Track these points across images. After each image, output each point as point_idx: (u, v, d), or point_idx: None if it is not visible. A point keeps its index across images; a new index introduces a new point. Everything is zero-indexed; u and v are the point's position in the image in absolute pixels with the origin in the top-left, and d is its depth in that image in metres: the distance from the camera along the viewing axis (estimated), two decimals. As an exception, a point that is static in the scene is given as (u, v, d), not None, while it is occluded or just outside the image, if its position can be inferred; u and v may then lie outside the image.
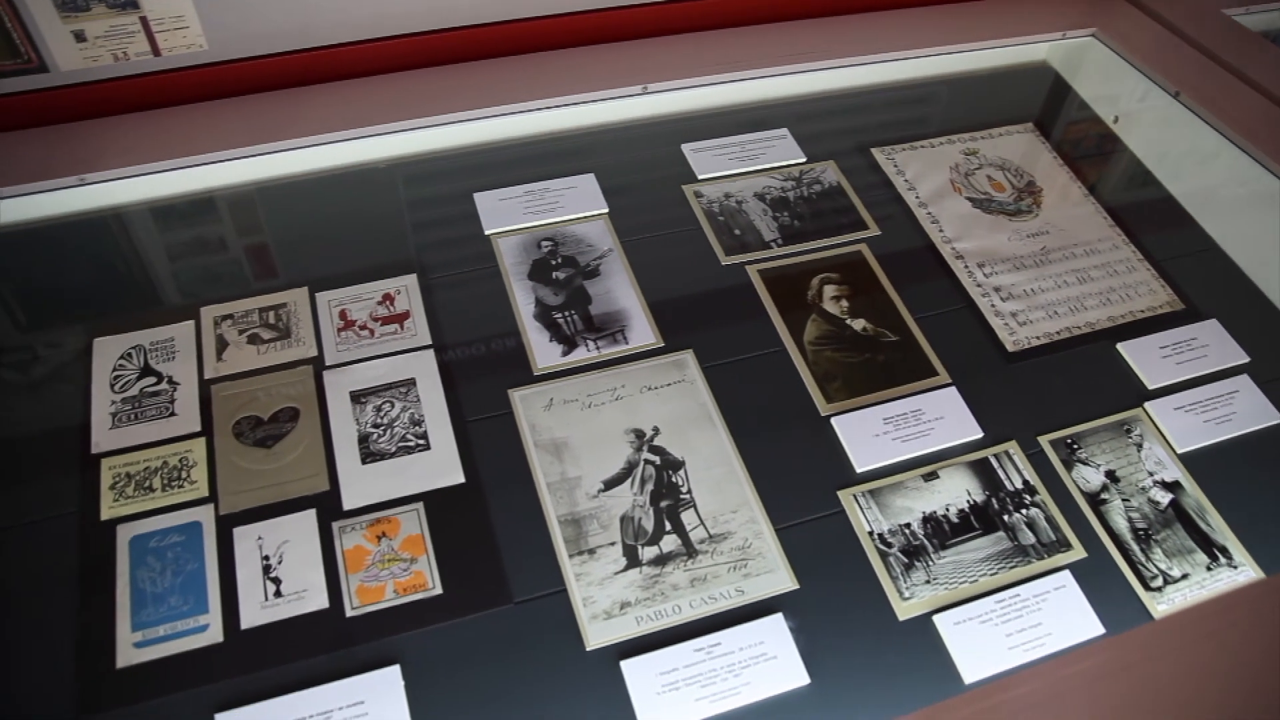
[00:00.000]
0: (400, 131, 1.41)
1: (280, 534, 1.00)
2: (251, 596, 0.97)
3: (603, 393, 1.13)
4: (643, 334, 1.19)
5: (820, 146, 1.47)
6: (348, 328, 1.18)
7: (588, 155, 1.43)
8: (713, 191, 1.38)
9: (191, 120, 1.40)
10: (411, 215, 1.35)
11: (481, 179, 1.37)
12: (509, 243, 1.29)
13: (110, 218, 1.34)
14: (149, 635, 0.94)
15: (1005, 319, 1.27)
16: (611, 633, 0.96)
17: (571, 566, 1.00)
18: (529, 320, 1.20)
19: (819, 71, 1.58)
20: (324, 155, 1.40)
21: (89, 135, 1.36)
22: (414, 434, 1.09)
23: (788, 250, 1.32)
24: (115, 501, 1.03)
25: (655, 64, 1.52)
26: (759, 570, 1.01)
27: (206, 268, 1.30)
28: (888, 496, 1.08)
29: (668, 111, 1.51)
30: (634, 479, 1.06)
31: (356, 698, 0.90)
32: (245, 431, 1.08)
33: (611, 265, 1.27)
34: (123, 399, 1.11)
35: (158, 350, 1.16)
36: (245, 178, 1.38)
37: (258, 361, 1.15)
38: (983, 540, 1.05)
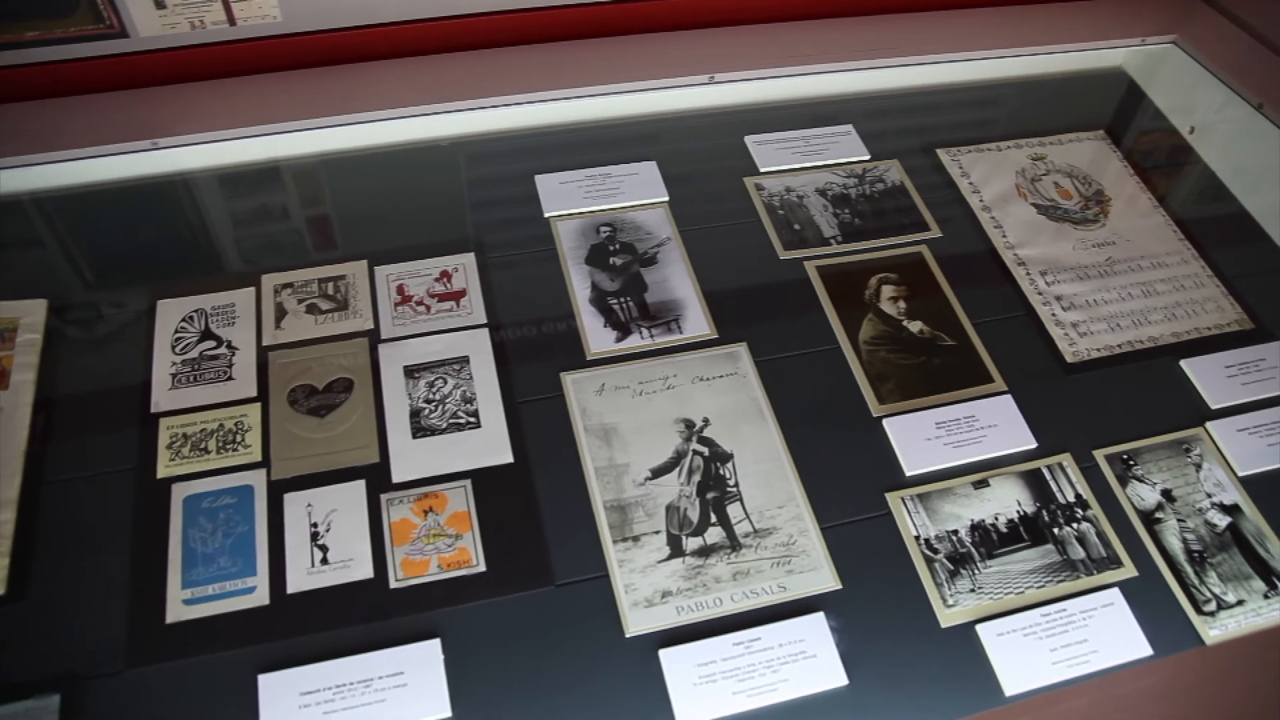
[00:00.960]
0: (465, 110, 1.42)
1: (329, 502, 1.02)
2: (299, 562, 0.98)
3: (654, 381, 1.13)
4: (697, 324, 1.19)
5: (885, 145, 1.45)
6: (405, 302, 1.19)
7: (650, 142, 1.43)
8: (774, 185, 1.37)
9: (262, 90, 1.41)
10: (472, 194, 1.36)
11: (543, 161, 1.38)
12: (568, 226, 1.30)
13: (179, 182, 1.36)
14: (198, 593, 0.96)
15: (1065, 329, 1.24)
16: (651, 621, 0.96)
17: (615, 552, 1.00)
18: (584, 305, 1.20)
19: (887, 69, 1.56)
20: (389, 130, 1.41)
21: (163, 101, 1.38)
22: (465, 411, 1.09)
23: (847, 248, 1.30)
24: (171, 461, 1.05)
25: (722, 54, 1.51)
26: (802, 568, 1.00)
27: (268, 236, 1.32)
28: (936, 502, 1.07)
29: (733, 102, 1.50)
30: (681, 469, 1.06)
31: (396, 668, 0.91)
32: (300, 399, 1.10)
33: (669, 254, 1.27)
34: (183, 361, 1.13)
35: (218, 315, 1.18)
36: (311, 149, 1.40)
37: (315, 331, 1.16)
38: (1031, 552, 1.03)
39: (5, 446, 1.05)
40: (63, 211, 1.32)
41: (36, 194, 1.33)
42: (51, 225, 1.31)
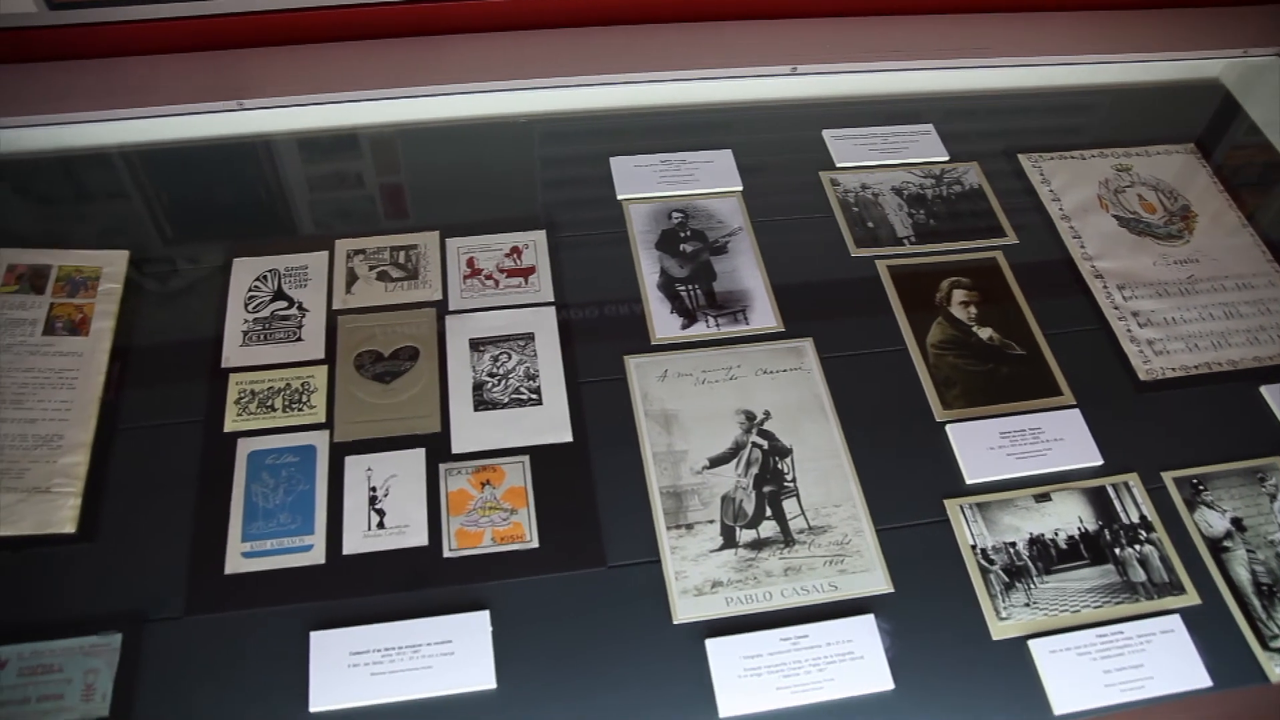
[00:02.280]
0: (543, 88, 1.42)
1: (389, 468, 1.03)
2: (356, 524, 1.00)
3: (718, 370, 1.13)
4: (764, 316, 1.18)
5: (965, 146, 1.43)
6: (474, 275, 1.20)
7: (727, 131, 1.42)
8: (849, 181, 1.35)
9: (345, 57, 1.43)
10: (546, 172, 1.36)
11: (619, 143, 1.37)
12: (640, 210, 1.29)
13: (260, 144, 1.38)
14: (257, 547, 0.98)
15: (1140, 346, 1.21)
16: (700, 610, 0.96)
17: (668, 539, 1.00)
18: (652, 289, 1.20)
19: (972, 69, 1.53)
20: (467, 104, 1.41)
21: (251, 63, 1.40)
22: (527, 388, 1.10)
23: (920, 249, 1.28)
24: (239, 416, 1.07)
25: (806, 45, 1.49)
26: (855, 568, 0.99)
27: (343, 202, 1.34)
28: (995, 512, 1.05)
29: (813, 95, 1.48)
30: (740, 460, 1.06)
31: (445, 636, 0.92)
32: (366, 365, 1.11)
33: (740, 244, 1.26)
34: (254, 319, 1.15)
35: (291, 276, 1.20)
36: (389, 118, 1.41)
37: (384, 298, 1.18)
38: (1090, 571, 1.01)
39: (82, 391, 1.08)
40: (148, 166, 1.35)
41: (124, 148, 1.36)
42: (137, 179, 1.34)
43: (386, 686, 0.90)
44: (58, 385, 1.08)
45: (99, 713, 0.88)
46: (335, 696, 0.89)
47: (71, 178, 1.34)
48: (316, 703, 0.89)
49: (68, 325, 1.13)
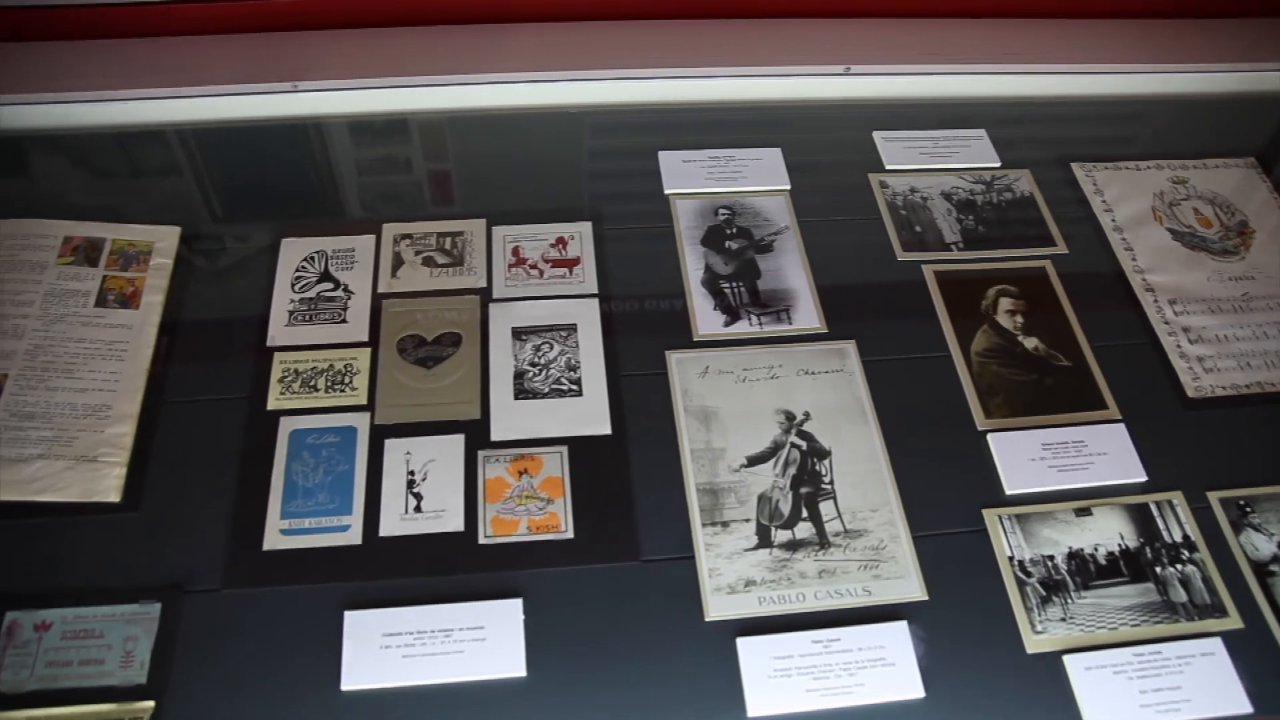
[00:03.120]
0: (594, 80, 1.42)
1: (428, 452, 1.04)
2: (393, 507, 1.00)
3: (759, 369, 1.12)
4: (808, 317, 1.17)
5: (1017, 153, 1.41)
6: (519, 264, 1.20)
7: (778, 129, 1.41)
8: (899, 184, 1.34)
9: (399, 43, 1.44)
10: (594, 164, 1.36)
11: (667, 138, 1.37)
12: (687, 205, 1.29)
13: (311, 126, 1.39)
14: (295, 525, 0.99)
15: (1190, 362, 1.19)
16: (732, 608, 0.95)
17: (703, 536, 1.00)
18: (696, 285, 1.20)
19: (1028, 75, 1.51)
20: (518, 93, 1.42)
21: (307, 46, 1.42)
22: (568, 378, 1.10)
23: (968, 255, 1.27)
24: (282, 395, 1.08)
25: (859, 45, 1.48)
26: (890, 574, 0.99)
27: (390, 186, 1.35)
28: (1034, 524, 1.03)
29: (865, 96, 1.47)
30: (778, 460, 1.05)
31: (477, 622, 0.93)
32: (408, 349, 1.12)
33: (786, 243, 1.25)
34: (300, 299, 1.17)
35: (338, 258, 1.21)
36: (440, 105, 1.42)
37: (429, 284, 1.18)
38: (1129, 588, 1.00)
39: (131, 363, 1.09)
40: (202, 145, 1.37)
41: (180, 126, 1.38)
42: (190, 157, 1.36)
43: (418, 669, 0.90)
44: (107, 356, 1.10)
45: (137, 680, 0.89)
46: (367, 676, 0.90)
47: (128, 154, 1.36)
48: (348, 681, 0.90)
49: (119, 298, 1.15)
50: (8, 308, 1.11)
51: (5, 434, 1.01)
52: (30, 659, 0.90)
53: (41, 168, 1.33)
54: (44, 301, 1.13)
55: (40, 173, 1.33)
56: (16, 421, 1.03)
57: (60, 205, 1.24)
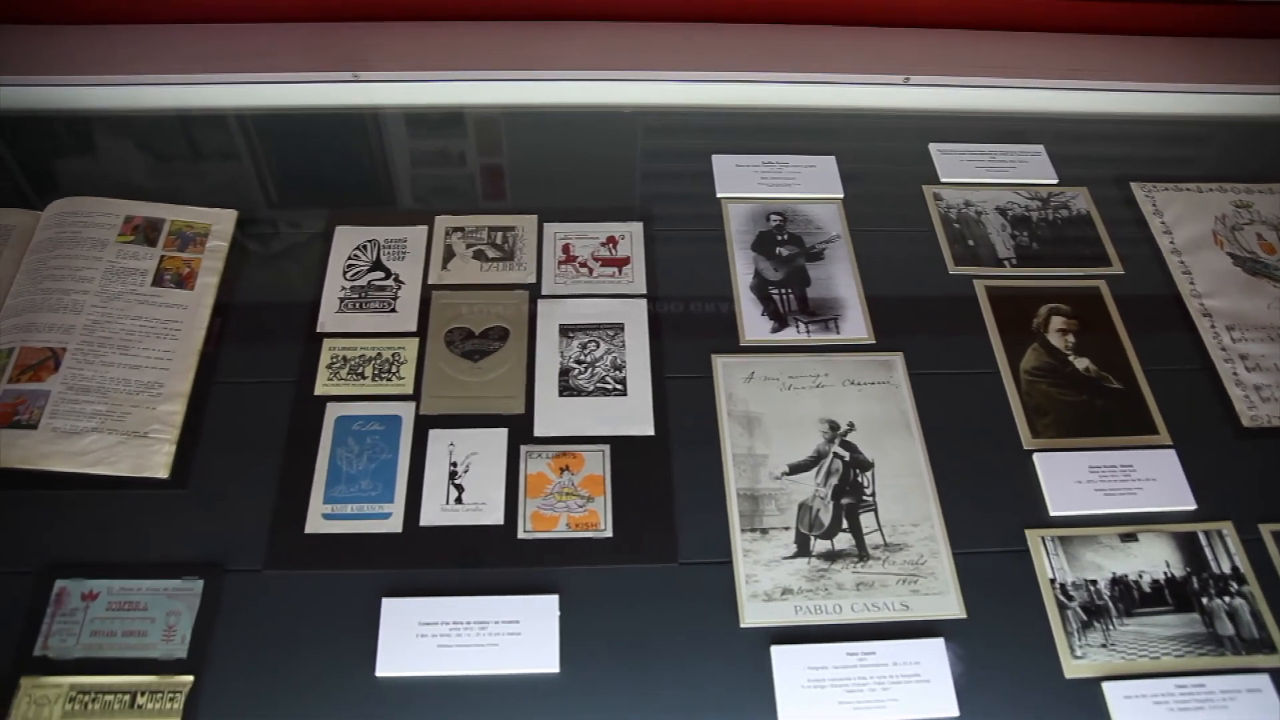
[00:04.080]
0: (650, 81, 1.42)
1: (471, 445, 1.04)
2: (434, 497, 1.01)
3: (805, 377, 1.12)
4: (856, 327, 1.17)
5: (1075, 171, 1.39)
6: (568, 262, 1.21)
7: (833, 137, 1.40)
8: (953, 197, 1.33)
9: (458, 37, 1.45)
10: (647, 164, 1.36)
11: (722, 141, 1.37)
12: (738, 209, 1.29)
13: (369, 116, 1.41)
14: (337, 510, 1.00)
15: (1247, 391, 1.16)
16: (768, 615, 0.95)
17: (741, 541, 0.99)
18: (745, 290, 1.20)
19: (1089, 91, 1.49)
20: (573, 90, 1.43)
21: (369, 36, 1.44)
22: (613, 378, 1.10)
23: (1020, 271, 1.25)
24: (329, 380, 1.09)
25: (918, 56, 1.47)
26: (929, 590, 0.98)
27: (443, 179, 1.36)
28: (1078, 548, 1.02)
29: (922, 107, 1.46)
30: (820, 469, 1.05)
31: (513, 616, 0.93)
32: (456, 341, 1.13)
33: (836, 251, 1.24)
34: (352, 287, 1.18)
35: (390, 248, 1.22)
36: (496, 99, 1.43)
37: (479, 277, 1.19)
38: (1173, 618, 0.98)
39: (184, 343, 1.11)
40: (261, 130, 1.39)
41: (241, 110, 1.40)
42: (249, 142, 1.38)
43: (452, 659, 0.91)
44: (162, 335, 1.12)
45: (178, 654, 0.91)
46: (402, 664, 0.91)
47: (189, 137, 1.38)
48: (383, 668, 0.90)
49: (175, 278, 1.17)
50: (68, 283, 1.14)
51: (61, 406, 1.04)
52: (77, 627, 0.91)
53: (107, 148, 1.36)
54: (103, 278, 1.15)
55: (105, 153, 1.36)
56: (73, 395, 1.05)
57: (123, 185, 1.27)
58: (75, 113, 1.39)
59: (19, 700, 0.87)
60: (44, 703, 0.87)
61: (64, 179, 1.31)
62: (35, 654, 0.90)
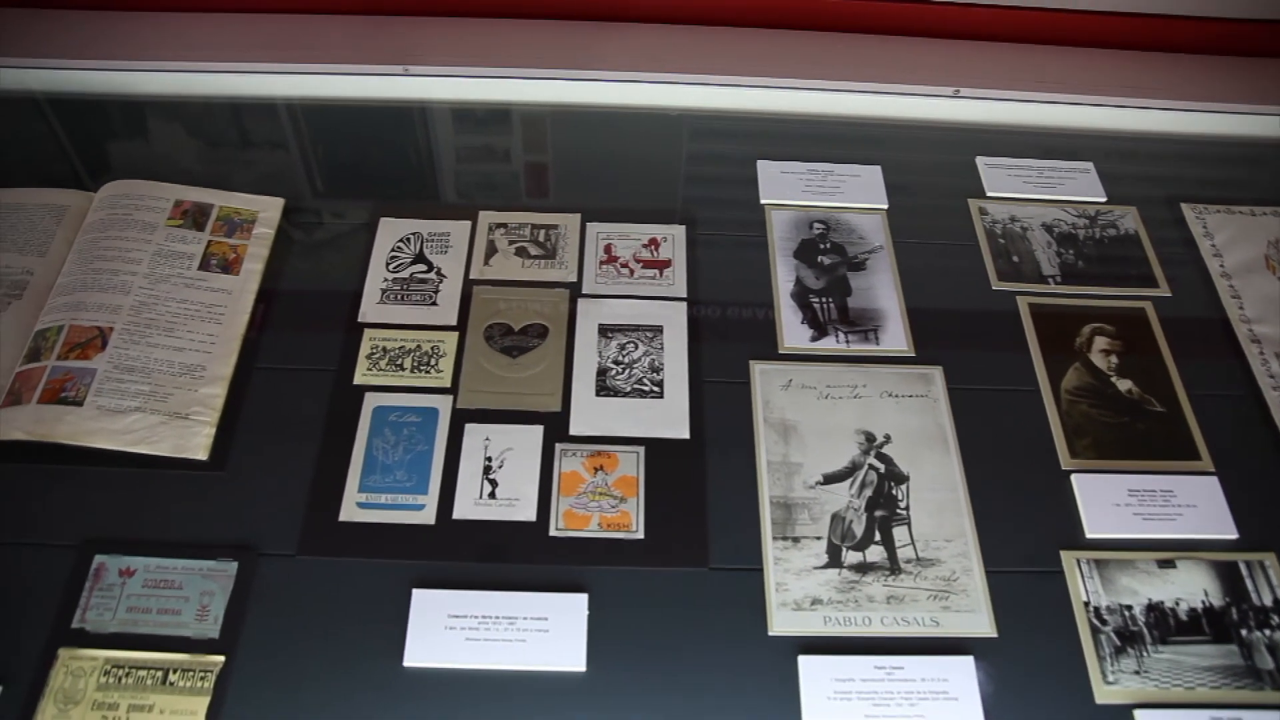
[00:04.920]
0: (698, 84, 1.42)
1: (506, 440, 1.05)
2: (468, 491, 1.02)
3: (843, 387, 1.11)
4: (896, 339, 1.16)
5: (1125, 189, 1.37)
6: (610, 262, 1.21)
7: (879, 146, 1.39)
8: (999, 211, 1.32)
9: (509, 34, 1.46)
10: (692, 168, 1.36)
11: (767, 147, 1.36)
12: (782, 216, 1.28)
13: (416, 110, 1.42)
14: (371, 499, 1.01)
15: (1293, 420, 1.14)
16: (797, 625, 0.94)
17: (773, 549, 0.99)
18: (785, 297, 1.19)
19: (1142, 109, 1.47)
20: (621, 92, 1.43)
21: (419, 31, 1.45)
22: (650, 379, 1.10)
23: (1065, 290, 1.24)
24: (368, 370, 1.10)
25: (968, 68, 1.46)
26: (960, 607, 0.97)
27: (487, 175, 1.36)
28: (1114, 571, 1.01)
29: (971, 119, 1.45)
30: (854, 481, 1.04)
31: (542, 612, 0.94)
32: (495, 337, 1.13)
33: (879, 262, 1.24)
34: (394, 279, 1.19)
35: (433, 241, 1.23)
36: (543, 98, 1.43)
37: (520, 274, 1.20)
38: (1211, 648, 0.96)
39: (228, 327, 1.13)
40: (310, 120, 1.41)
41: (291, 100, 1.41)
42: (298, 131, 1.40)
43: (479, 653, 0.91)
44: (206, 319, 1.13)
45: (210, 634, 0.92)
46: (429, 655, 0.91)
47: (240, 124, 1.40)
48: (411, 658, 0.91)
49: (221, 263, 1.18)
50: (118, 264, 1.15)
51: (107, 385, 1.05)
52: (114, 602, 0.93)
53: (160, 132, 1.38)
54: (151, 261, 1.17)
55: (158, 137, 1.38)
56: (118, 374, 1.06)
57: (173, 169, 1.29)
58: (130, 97, 1.42)
59: (56, 670, 0.89)
60: (80, 674, 0.89)
61: (117, 162, 1.33)
62: (73, 626, 0.91)
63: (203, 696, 0.88)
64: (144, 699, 0.88)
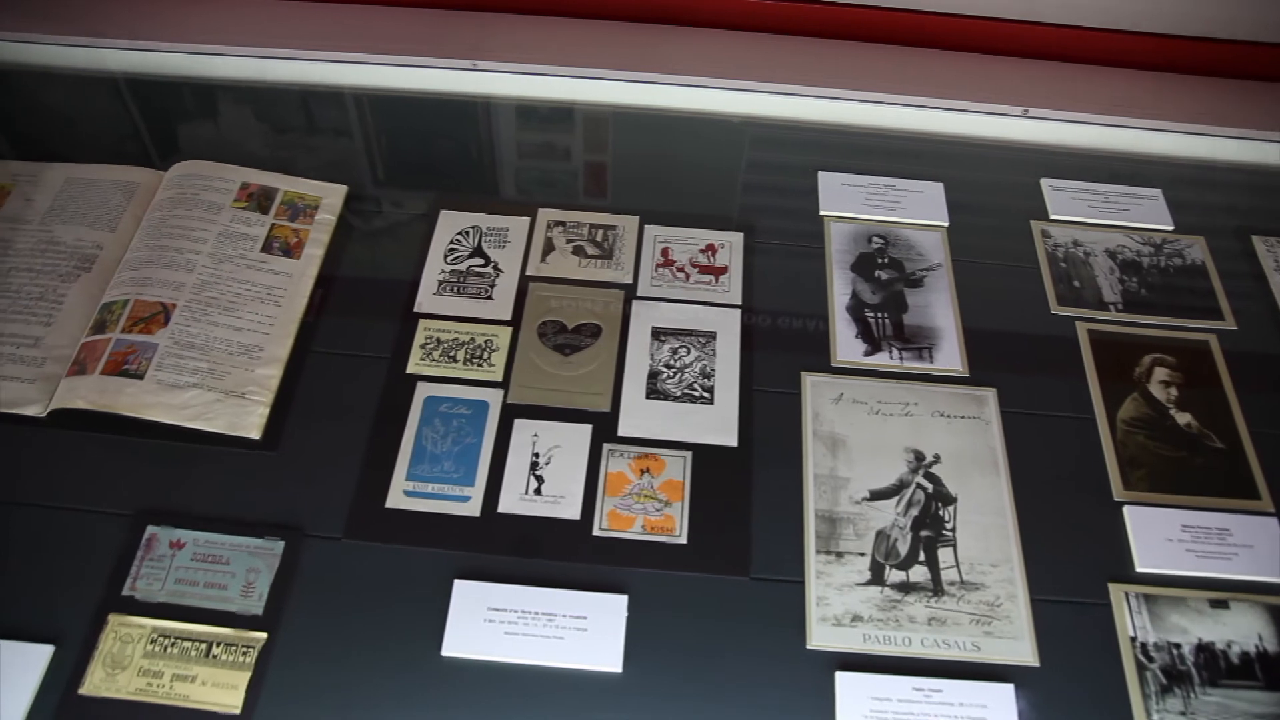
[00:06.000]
0: (762, 92, 1.42)
1: (554, 437, 1.05)
2: (514, 486, 1.02)
3: (894, 404, 1.10)
4: (950, 358, 1.15)
5: (1193, 219, 1.34)
6: (666, 265, 1.21)
7: (943, 163, 1.37)
8: (1062, 235, 1.30)
9: (579, 34, 1.47)
10: (752, 176, 1.36)
11: (829, 159, 1.35)
12: (841, 229, 1.27)
13: (480, 105, 1.43)
14: (418, 488, 1.02)
15: (1358, 464, 1.11)
16: (836, 640, 0.94)
17: (815, 563, 0.98)
18: (840, 310, 1.18)
19: (1216, 137, 1.44)
20: (685, 96, 1.43)
21: (490, 27, 1.46)
22: (701, 385, 1.10)
23: (1126, 318, 1.22)
24: (421, 360, 1.11)
25: (1040, 88, 1.44)
26: (1002, 633, 0.95)
27: (546, 172, 1.37)
28: (1164, 608, 0.98)
29: (1039, 140, 1.42)
30: (901, 499, 1.03)
31: (581, 611, 0.94)
32: (548, 334, 1.14)
33: (937, 280, 1.22)
34: (451, 271, 1.20)
35: (492, 235, 1.24)
36: (606, 98, 1.44)
37: (576, 273, 1.20)
38: (1263, 694, 0.94)
39: (286, 310, 1.14)
40: (376, 110, 1.42)
41: (357, 89, 1.43)
42: (363, 120, 1.42)
43: (517, 647, 0.92)
44: (266, 300, 1.15)
45: (254, 610, 0.93)
46: (467, 646, 0.92)
47: (307, 111, 1.42)
48: (449, 647, 0.91)
49: (283, 247, 1.20)
50: (183, 242, 1.18)
51: (167, 360, 1.07)
52: (163, 573, 0.95)
53: (230, 115, 1.41)
54: (216, 241, 1.19)
55: (227, 120, 1.40)
56: (178, 350, 1.08)
57: (240, 152, 1.31)
58: (203, 80, 1.44)
59: (106, 635, 0.91)
60: (128, 640, 0.90)
61: (187, 142, 1.36)
62: (124, 593, 0.93)
63: (244, 671, 0.90)
64: (188, 670, 0.89)
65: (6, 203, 1.23)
